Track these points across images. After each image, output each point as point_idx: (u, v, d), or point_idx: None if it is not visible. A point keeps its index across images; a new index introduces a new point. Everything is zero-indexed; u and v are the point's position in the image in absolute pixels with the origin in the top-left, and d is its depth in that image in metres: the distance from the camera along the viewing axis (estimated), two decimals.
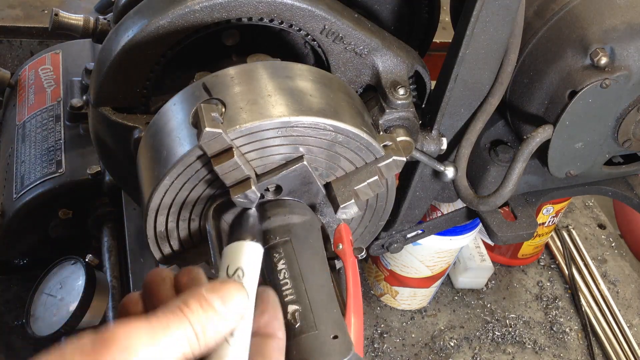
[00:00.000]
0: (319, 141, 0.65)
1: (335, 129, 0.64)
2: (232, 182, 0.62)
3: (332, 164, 0.68)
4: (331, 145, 0.66)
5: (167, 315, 0.47)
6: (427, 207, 0.97)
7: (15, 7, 1.57)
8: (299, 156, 0.65)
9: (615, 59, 0.80)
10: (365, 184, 0.69)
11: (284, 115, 0.61)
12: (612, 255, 1.56)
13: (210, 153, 0.60)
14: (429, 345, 1.30)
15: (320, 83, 0.68)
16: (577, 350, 1.34)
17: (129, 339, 0.44)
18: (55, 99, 1.19)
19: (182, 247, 0.70)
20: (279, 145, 0.63)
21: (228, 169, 0.60)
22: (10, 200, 1.07)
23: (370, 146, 0.68)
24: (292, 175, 0.65)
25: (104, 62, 0.73)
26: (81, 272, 0.98)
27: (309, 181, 0.66)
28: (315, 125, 0.63)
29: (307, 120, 0.63)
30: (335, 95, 0.68)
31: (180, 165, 0.61)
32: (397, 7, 0.87)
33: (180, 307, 0.47)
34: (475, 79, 0.81)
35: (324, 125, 0.64)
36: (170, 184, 0.62)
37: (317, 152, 0.66)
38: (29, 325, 0.97)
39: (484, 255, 1.39)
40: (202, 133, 0.57)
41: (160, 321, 0.46)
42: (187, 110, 0.62)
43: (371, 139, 0.67)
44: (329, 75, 0.71)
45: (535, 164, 0.92)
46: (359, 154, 0.68)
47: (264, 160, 0.63)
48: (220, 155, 0.60)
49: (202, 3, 0.69)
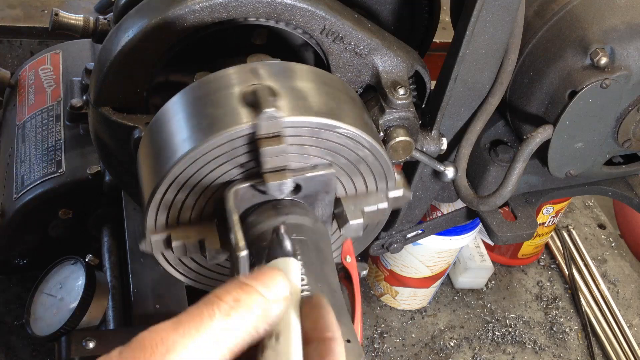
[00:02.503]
0: (351, 154, 0.66)
1: (371, 149, 0.66)
2: (270, 168, 0.61)
3: (349, 180, 0.69)
4: (359, 161, 0.67)
5: (201, 309, 0.44)
6: (427, 207, 0.97)
7: (15, 7, 1.57)
8: (329, 163, 0.65)
9: (615, 59, 0.80)
10: (375, 207, 0.69)
11: (333, 119, 0.62)
12: (612, 255, 1.56)
13: (261, 134, 0.59)
14: (429, 345, 1.31)
15: (345, 93, 0.69)
16: (577, 350, 1.34)
17: (160, 340, 0.42)
18: (55, 99, 1.19)
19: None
20: (315, 146, 0.63)
21: (273, 154, 0.60)
22: (10, 200, 1.07)
23: (389, 173, 0.69)
24: (318, 179, 0.64)
25: (104, 62, 0.73)
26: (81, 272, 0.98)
27: (328, 191, 0.66)
28: (355, 137, 0.64)
29: (351, 130, 0.63)
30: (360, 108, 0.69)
31: (226, 136, 0.60)
32: (397, 7, 0.87)
33: (219, 296, 0.45)
34: (475, 79, 0.81)
35: (364, 141, 0.65)
36: (201, 155, 0.61)
37: (343, 163, 0.66)
38: (29, 325, 0.97)
39: (484, 255, 1.39)
40: (262, 113, 0.58)
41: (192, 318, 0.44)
42: (235, 88, 0.62)
43: (392, 166, 0.68)
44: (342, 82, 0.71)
45: (535, 164, 0.93)
46: (376, 178, 0.69)
47: (296, 157, 0.63)
48: (268, 139, 0.59)
49: (202, 3, 0.69)
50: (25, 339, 1.11)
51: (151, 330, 0.43)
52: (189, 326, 0.43)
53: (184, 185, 0.62)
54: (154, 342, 0.42)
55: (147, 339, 0.43)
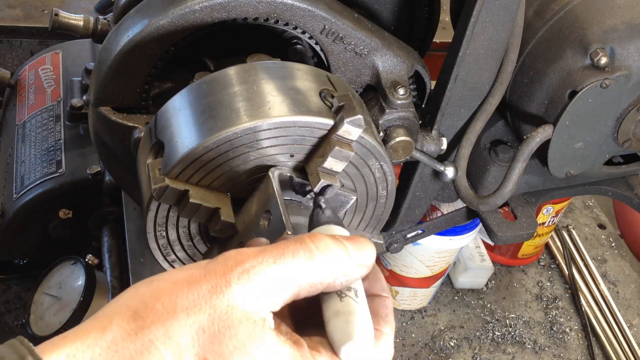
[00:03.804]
0: (373, 190, 0.72)
1: (390, 191, 0.73)
2: (327, 168, 0.64)
3: (352, 214, 0.73)
4: (372, 199, 0.73)
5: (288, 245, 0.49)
6: (427, 207, 0.97)
7: (15, 7, 1.57)
8: (354, 189, 0.70)
9: (615, 59, 0.80)
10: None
11: (384, 150, 0.69)
12: (612, 255, 1.56)
13: (339, 134, 0.62)
14: (429, 345, 1.30)
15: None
16: (577, 350, 1.34)
17: (243, 259, 0.47)
18: (55, 99, 1.19)
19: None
20: (356, 168, 0.68)
21: (340, 157, 0.63)
22: (10, 200, 1.07)
23: (382, 223, 0.76)
24: (342, 199, 0.68)
25: (104, 62, 0.73)
26: (81, 272, 0.98)
27: (338, 212, 0.69)
28: (387, 175, 0.71)
29: (390, 167, 0.71)
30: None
31: (311, 120, 0.62)
32: (397, 7, 0.87)
33: (310, 239, 0.49)
34: (475, 79, 0.81)
35: (390, 181, 0.72)
36: (274, 128, 0.62)
37: (360, 194, 0.71)
38: (29, 325, 0.97)
39: (484, 255, 1.39)
40: (355, 116, 0.61)
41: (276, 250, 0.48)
42: (314, 84, 0.66)
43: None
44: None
45: (535, 164, 0.92)
46: (372, 222, 0.76)
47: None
48: (342, 142, 0.63)
49: (202, 3, 0.69)
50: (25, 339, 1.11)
51: (238, 251, 0.48)
52: (270, 257, 0.48)
53: (232, 150, 0.62)
54: (235, 262, 0.47)
55: (231, 258, 0.48)
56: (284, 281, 0.47)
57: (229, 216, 0.65)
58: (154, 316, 0.45)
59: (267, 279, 0.47)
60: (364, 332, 0.49)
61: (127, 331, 0.45)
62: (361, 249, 0.51)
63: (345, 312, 0.50)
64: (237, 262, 0.47)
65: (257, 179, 0.65)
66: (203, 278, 0.47)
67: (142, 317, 0.45)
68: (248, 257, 0.47)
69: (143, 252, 0.98)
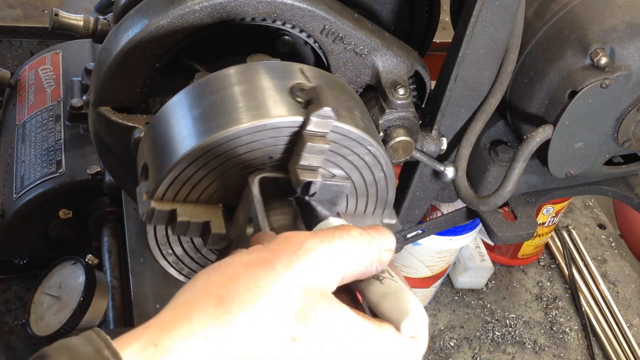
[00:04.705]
0: (368, 174, 0.69)
1: (387, 173, 0.70)
2: (305, 165, 0.62)
3: (354, 199, 0.71)
4: (372, 183, 0.70)
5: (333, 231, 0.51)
6: (427, 207, 0.97)
7: (15, 7, 1.57)
8: (347, 177, 0.68)
9: (615, 59, 0.80)
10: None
11: (370, 136, 0.65)
12: (612, 255, 1.56)
13: (310, 130, 0.61)
14: (429, 345, 1.30)
15: (368, 113, 0.71)
16: (577, 350, 1.34)
17: (302, 239, 0.49)
18: (55, 99, 1.19)
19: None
20: (342, 157, 0.66)
21: (314, 152, 0.61)
22: (10, 200, 1.07)
23: (390, 203, 0.73)
24: (334, 189, 0.66)
25: (104, 62, 0.73)
26: (81, 272, 0.98)
27: (336, 203, 0.67)
28: (379, 158, 0.67)
29: (379, 151, 0.67)
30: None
31: (277, 122, 0.61)
32: (397, 7, 0.87)
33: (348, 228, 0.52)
34: (475, 79, 0.81)
35: (384, 163, 0.68)
36: (243, 135, 0.61)
37: (357, 181, 0.69)
38: (29, 325, 0.97)
39: (484, 255, 1.39)
40: (322, 109, 0.60)
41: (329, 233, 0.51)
42: (284, 81, 0.64)
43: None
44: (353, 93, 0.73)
45: (535, 164, 0.92)
46: (378, 203, 0.72)
47: (325, 163, 0.65)
48: (314, 137, 0.61)
49: (202, 3, 0.69)
50: (25, 339, 1.11)
51: (295, 233, 0.51)
52: (326, 237, 0.50)
53: (208, 163, 0.62)
54: (299, 240, 0.50)
55: (292, 237, 0.50)
56: (340, 261, 0.50)
57: (220, 228, 0.64)
58: (239, 300, 0.46)
59: (328, 257, 0.49)
60: (416, 305, 0.52)
61: (214, 316, 0.45)
62: (384, 236, 0.54)
63: (391, 291, 0.52)
64: (299, 241, 0.49)
65: (243, 185, 0.65)
66: (273, 258, 0.48)
67: (227, 302, 0.45)
68: (306, 237, 0.50)
69: (143, 252, 0.98)
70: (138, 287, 0.96)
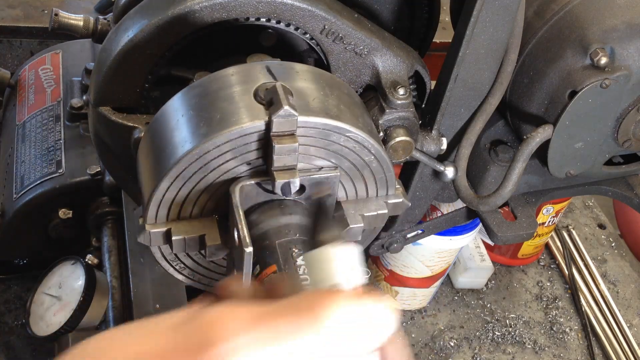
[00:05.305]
0: (357, 159, 0.66)
1: (376, 155, 0.67)
2: (280, 166, 0.61)
3: (351, 184, 0.69)
4: (363, 166, 0.67)
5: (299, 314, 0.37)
6: (427, 207, 0.97)
7: (15, 7, 1.57)
8: (334, 166, 0.66)
9: (615, 59, 0.80)
10: (375, 213, 0.70)
11: (344, 122, 0.63)
12: (612, 255, 1.56)
13: (275, 131, 0.60)
14: (429, 345, 1.30)
15: (350, 96, 0.70)
16: (577, 350, 1.34)
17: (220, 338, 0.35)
18: (55, 99, 1.19)
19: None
20: (322, 148, 0.64)
21: (285, 152, 0.60)
22: (10, 200, 1.07)
23: (391, 181, 0.70)
24: (322, 181, 0.65)
25: (104, 62, 0.73)
26: (81, 272, 0.98)
27: (331, 193, 0.67)
28: (363, 142, 0.65)
29: (360, 135, 0.64)
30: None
31: (238, 130, 0.60)
32: (397, 7, 0.87)
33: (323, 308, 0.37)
34: (475, 79, 0.81)
35: (370, 147, 0.66)
36: (210, 149, 0.61)
37: (347, 167, 0.67)
38: (29, 325, 0.97)
39: (484, 255, 1.39)
40: (281, 109, 0.58)
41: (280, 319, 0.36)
42: (248, 85, 0.63)
43: (394, 174, 0.69)
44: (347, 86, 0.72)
45: (535, 164, 0.92)
46: (377, 184, 0.70)
47: (303, 158, 0.64)
48: (282, 137, 0.60)
49: (202, 3, 0.69)
50: (25, 339, 1.11)
51: (223, 314, 0.36)
52: (266, 331, 0.36)
53: (189, 180, 0.62)
54: (219, 335, 0.35)
55: (213, 326, 0.36)
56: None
57: (215, 239, 0.64)
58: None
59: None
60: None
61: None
62: (377, 315, 0.39)
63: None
64: (220, 336, 0.35)
65: None
66: (173, 355, 0.36)
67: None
68: (235, 331, 0.35)
69: (143, 252, 0.98)
70: (138, 287, 0.96)
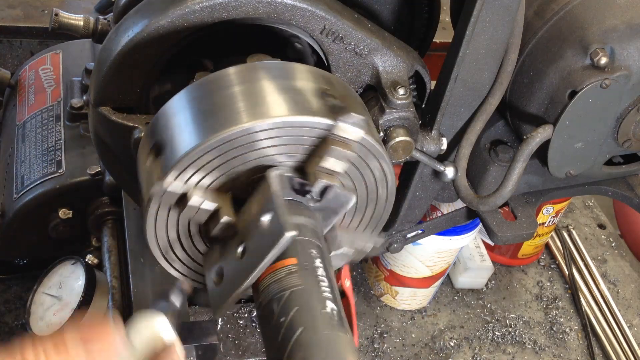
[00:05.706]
0: (373, 190, 0.71)
1: (390, 190, 0.72)
2: (325, 167, 0.64)
3: (352, 213, 0.73)
4: (372, 200, 0.72)
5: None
6: (427, 207, 0.97)
7: (15, 7, 1.57)
8: (354, 188, 0.69)
9: (615, 59, 0.80)
10: (363, 245, 0.73)
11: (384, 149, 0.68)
12: (612, 255, 1.56)
13: (339, 134, 0.63)
14: (429, 345, 1.30)
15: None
16: (577, 350, 1.34)
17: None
18: (55, 99, 1.19)
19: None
20: (357, 169, 0.68)
21: (339, 157, 0.63)
22: (10, 200, 1.07)
23: (381, 224, 0.77)
24: (342, 199, 0.67)
25: (104, 62, 0.73)
26: (81, 272, 0.98)
27: (338, 212, 0.68)
28: (388, 174, 0.70)
29: (389, 169, 0.70)
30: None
31: (309, 120, 0.62)
32: (397, 7, 0.87)
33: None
34: (475, 79, 0.81)
35: (390, 180, 0.71)
36: (273, 128, 0.62)
37: (360, 195, 0.70)
38: (29, 325, 0.97)
39: (484, 255, 1.39)
40: (350, 117, 0.62)
41: None
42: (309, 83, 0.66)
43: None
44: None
45: (535, 164, 0.92)
46: (371, 222, 0.75)
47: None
48: (340, 142, 0.63)
49: (202, 3, 0.69)
50: None
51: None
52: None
53: (231, 151, 0.62)
54: None
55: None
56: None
57: (229, 216, 0.64)
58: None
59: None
60: None
61: None
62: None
63: None
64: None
65: (257, 179, 0.65)
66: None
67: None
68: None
69: (143, 252, 0.98)
70: (138, 287, 0.96)
